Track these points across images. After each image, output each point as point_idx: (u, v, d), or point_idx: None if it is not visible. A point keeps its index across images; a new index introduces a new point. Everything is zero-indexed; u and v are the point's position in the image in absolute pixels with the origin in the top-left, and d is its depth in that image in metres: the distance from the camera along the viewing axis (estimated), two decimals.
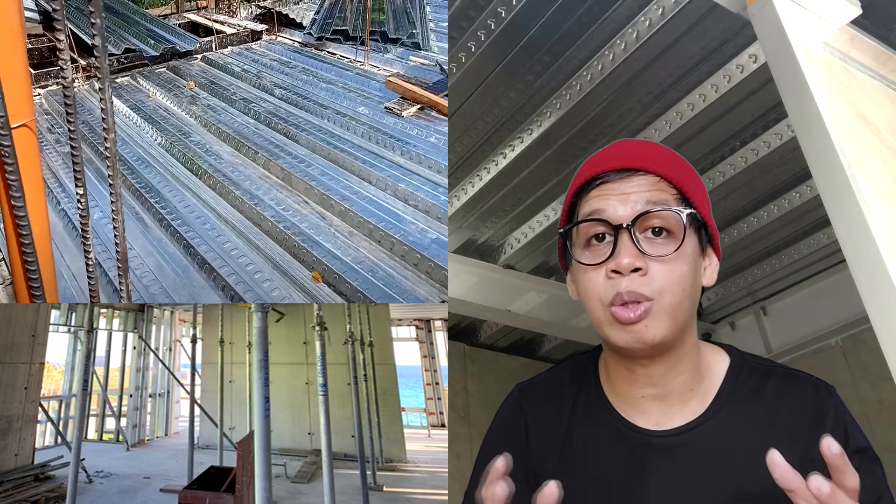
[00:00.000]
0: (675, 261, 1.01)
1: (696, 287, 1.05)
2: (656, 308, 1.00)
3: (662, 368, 1.07)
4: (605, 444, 1.11)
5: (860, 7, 2.28)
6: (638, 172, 1.05)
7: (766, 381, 1.09)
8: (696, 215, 1.05)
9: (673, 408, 1.09)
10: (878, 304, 1.75)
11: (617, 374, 1.12)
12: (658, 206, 1.02)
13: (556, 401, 1.18)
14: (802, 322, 4.35)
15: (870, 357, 3.93)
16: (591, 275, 1.04)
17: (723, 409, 1.07)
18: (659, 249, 1.01)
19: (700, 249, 1.07)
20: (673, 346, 1.05)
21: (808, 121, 1.95)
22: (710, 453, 1.04)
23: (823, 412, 1.03)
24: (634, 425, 1.09)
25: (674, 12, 2.55)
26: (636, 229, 1.01)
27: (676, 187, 1.05)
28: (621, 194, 1.04)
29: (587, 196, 1.07)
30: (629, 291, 1.00)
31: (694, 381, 1.09)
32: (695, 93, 2.96)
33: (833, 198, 1.90)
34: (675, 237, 1.02)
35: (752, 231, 3.71)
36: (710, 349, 1.15)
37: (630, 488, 1.07)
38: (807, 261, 4.04)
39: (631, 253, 1.00)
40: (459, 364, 4.94)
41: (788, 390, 1.07)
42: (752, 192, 3.52)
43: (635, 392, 1.10)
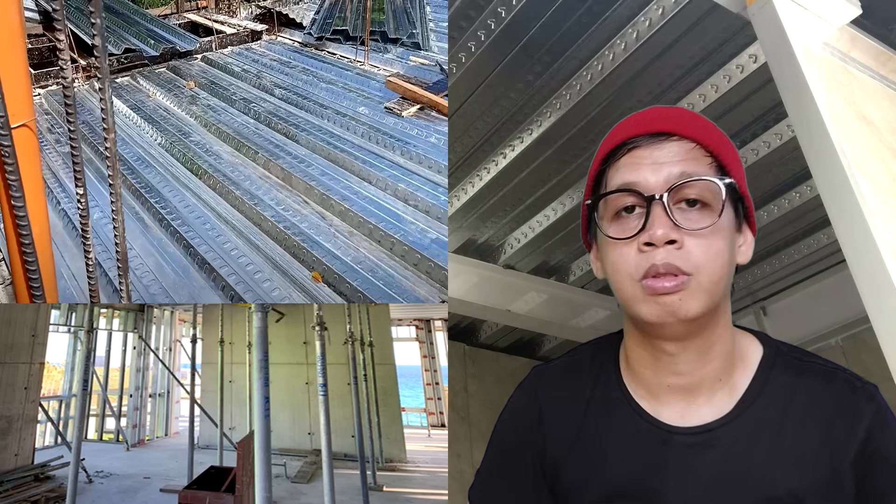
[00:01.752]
0: (711, 235, 0.94)
1: (732, 264, 0.98)
2: (693, 284, 0.93)
3: (692, 355, 0.99)
4: (621, 440, 1.04)
5: (860, 7, 2.28)
6: (672, 137, 0.98)
7: (801, 378, 1.01)
8: (735, 186, 0.98)
9: (699, 399, 1.01)
10: (878, 304, 1.75)
11: (640, 360, 1.04)
12: (694, 175, 0.95)
13: (572, 388, 1.11)
14: (802, 322, 4.34)
15: (870, 357, 3.92)
16: (621, 249, 0.96)
17: (752, 407, 0.99)
18: (694, 222, 0.94)
19: (737, 224, 1.00)
20: (705, 327, 0.98)
21: (808, 121, 1.95)
22: (735, 456, 0.97)
23: (859, 416, 0.96)
24: (656, 420, 1.02)
25: (674, 12, 2.55)
26: (670, 200, 0.94)
27: (713, 155, 0.98)
28: (653, 163, 0.97)
29: (616, 164, 1.00)
30: (665, 263, 0.93)
31: (724, 370, 1.01)
32: (695, 93, 2.96)
33: (833, 198, 1.90)
34: (712, 209, 0.95)
35: None
36: (744, 336, 1.07)
37: (646, 488, 1.00)
38: (807, 261, 4.03)
39: (665, 224, 0.93)
40: (459, 364, 4.94)
41: (823, 390, 0.99)
42: (753, 191, 3.47)
43: (659, 380, 1.02)
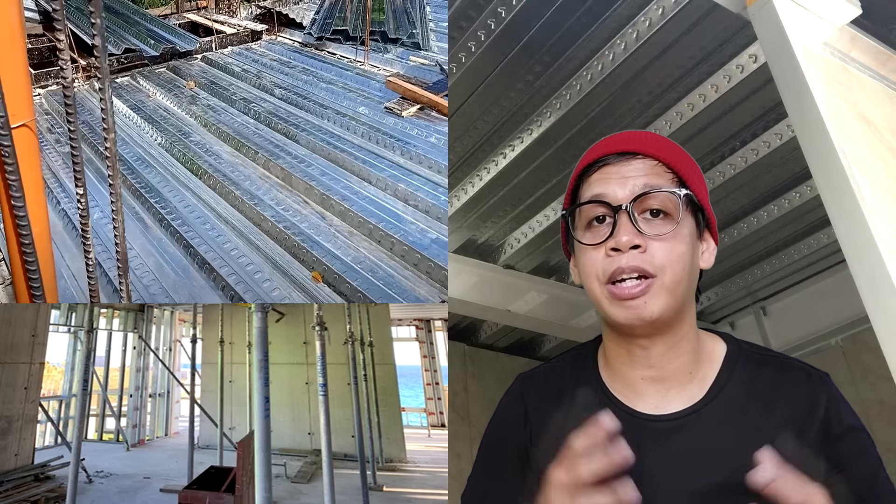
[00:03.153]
0: (672, 239, 1.05)
1: (694, 268, 1.09)
2: (657, 285, 1.03)
3: (661, 349, 1.09)
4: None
5: (860, 7, 2.28)
6: (637, 156, 1.10)
7: (762, 369, 1.11)
8: (692, 197, 1.09)
9: (671, 391, 1.10)
10: (878, 304, 1.75)
11: (616, 356, 1.14)
12: (656, 188, 1.07)
13: (556, 389, 1.20)
14: (802, 322, 4.35)
15: (870, 357, 3.93)
16: (591, 254, 1.08)
17: (720, 396, 1.09)
18: (657, 229, 1.05)
19: (697, 232, 1.10)
20: (671, 325, 1.08)
21: (808, 121, 1.95)
22: (706, 439, 1.06)
23: (816, 401, 1.06)
24: (633, 409, 1.11)
25: (674, 12, 2.55)
26: (635, 210, 1.05)
27: (673, 171, 1.09)
28: (621, 177, 1.08)
29: (588, 179, 1.12)
30: (630, 266, 1.03)
31: (693, 364, 1.11)
32: (695, 93, 2.96)
33: (833, 198, 1.90)
34: (673, 218, 1.06)
35: (752, 231, 3.71)
36: (708, 336, 1.17)
37: (626, 471, 1.07)
38: (807, 261, 4.04)
39: (629, 231, 1.04)
40: (459, 364, 4.94)
41: (783, 379, 1.10)
42: (752, 192, 3.52)
43: (634, 374, 1.12)
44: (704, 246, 1.13)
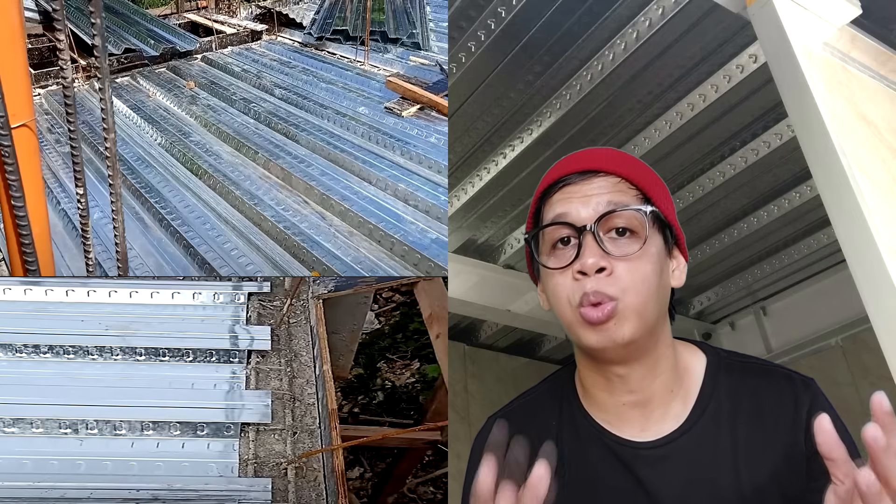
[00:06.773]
0: (638, 259, 1.01)
1: (663, 287, 1.05)
2: (622, 307, 0.99)
3: (640, 373, 1.06)
4: (603, 465, 1.10)
5: (860, 7, 2.28)
6: (599, 174, 1.06)
7: (745, 378, 1.10)
8: (659, 214, 1.05)
9: (655, 413, 1.08)
10: (878, 304, 1.75)
11: (594, 383, 1.11)
12: (620, 205, 1.03)
13: (538, 424, 1.16)
14: (802, 322, 4.34)
15: (870, 357, 3.93)
16: (558, 279, 1.04)
17: (706, 412, 1.08)
18: (623, 249, 1.01)
19: (666, 250, 1.07)
20: (647, 347, 1.05)
21: (808, 121, 1.95)
22: (700, 459, 1.05)
23: (800, 405, 1.05)
24: (622, 438, 1.09)
25: (674, 12, 2.54)
26: (600, 230, 1.02)
27: (637, 187, 1.06)
28: (583, 196, 1.04)
29: (550, 200, 1.08)
30: (595, 291, 0.99)
31: (673, 381, 1.09)
32: (695, 93, 2.96)
33: (833, 198, 1.90)
34: (639, 236, 1.02)
35: (752, 231, 3.71)
36: (686, 348, 1.15)
37: (627, 501, 1.07)
38: (807, 261, 4.03)
39: (595, 253, 1.00)
40: (459, 364, 4.94)
41: (766, 386, 1.09)
42: (752, 192, 3.52)
43: (615, 400, 1.09)
44: (675, 264, 1.09)
